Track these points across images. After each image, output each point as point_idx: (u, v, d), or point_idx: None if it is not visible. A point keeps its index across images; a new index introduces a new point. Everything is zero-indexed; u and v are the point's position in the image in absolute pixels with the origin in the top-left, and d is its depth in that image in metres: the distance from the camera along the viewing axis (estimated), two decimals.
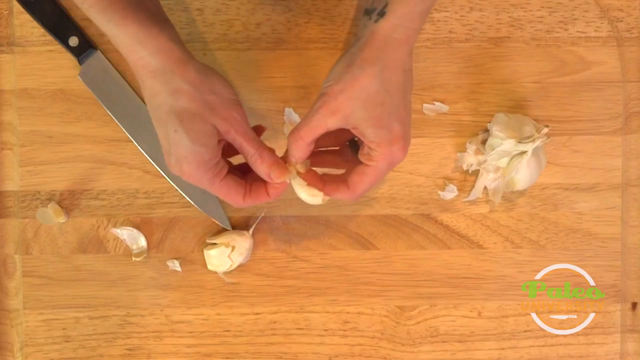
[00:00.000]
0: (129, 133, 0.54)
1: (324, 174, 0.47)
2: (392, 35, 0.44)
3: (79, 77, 0.54)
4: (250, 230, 0.53)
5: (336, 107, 0.43)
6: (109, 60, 0.55)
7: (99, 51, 0.54)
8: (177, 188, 0.54)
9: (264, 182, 0.46)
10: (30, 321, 0.55)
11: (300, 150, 0.45)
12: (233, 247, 0.52)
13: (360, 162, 0.45)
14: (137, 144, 0.54)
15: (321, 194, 0.46)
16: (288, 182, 0.46)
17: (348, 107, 0.43)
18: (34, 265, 0.55)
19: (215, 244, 0.54)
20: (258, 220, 0.55)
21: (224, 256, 0.53)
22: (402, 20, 0.44)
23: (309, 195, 0.47)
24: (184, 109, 0.42)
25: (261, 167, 0.45)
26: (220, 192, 0.45)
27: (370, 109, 0.43)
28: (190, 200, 0.54)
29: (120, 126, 0.54)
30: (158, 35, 0.43)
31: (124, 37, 0.42)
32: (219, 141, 0.44)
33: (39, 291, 0.55)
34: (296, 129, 0.45)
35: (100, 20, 0.42)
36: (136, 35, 0.42)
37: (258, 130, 0.48)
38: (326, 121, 0.44)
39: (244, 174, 0.47)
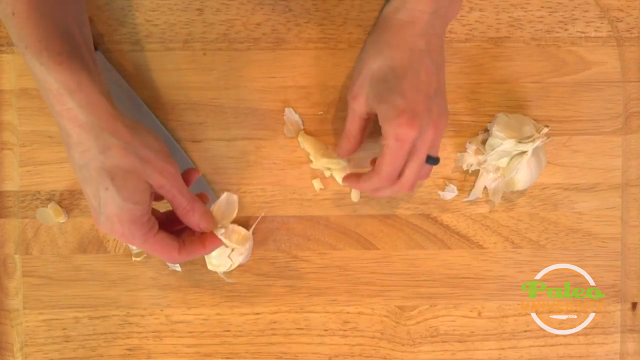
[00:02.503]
0: None
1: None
2: (395, 17, 0.47)
3: None
4: (250, 230, 0.54)
5: (356, 92, 0.47)
6: (109, 61, 0.55)
7: (98, 51, 0.54)
8: None
9: (199, 235, 0.47)
10: (30, 321, 0.55)
11: (350, 144, 0.49)
12: (233, 247, 0.52)
13: None
14: None
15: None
16: (218, 234, 0.48)
17: (362, 89, 0.47)
18: (34, 265, 0.55)
19: None
20: (258, 220, 0.55)
21: (224, 256, 0.53)
22: (405, 2, 0.47)
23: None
24: (115, 166, 0.42)
25: (192, 219, 0.46)
26: (154, 248, 0.45)
27: (375, 86, 0.46)
28: None
29: None
30: (89, 86, 0.42)
31: (53, 83, 0.41)
32: (150, 195, 0.44)
33: (39, 291, 0.55)
34: (345, 128, 0.50)
35: (34, 62, 0.41)
36: (66, 84, 0.41)
37: (191, 175, 0.49)
38: (354, 108, 0.48)
39: (166, 227, 0.47)
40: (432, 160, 0.48)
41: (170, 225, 0.48)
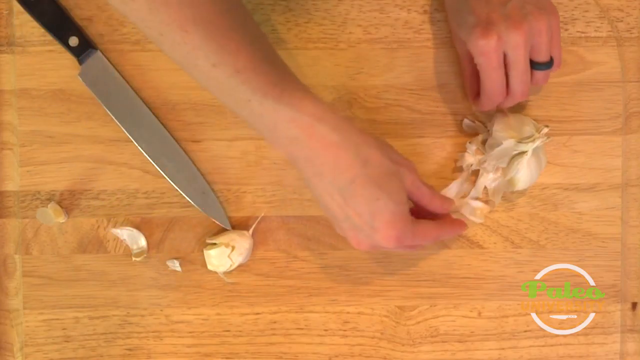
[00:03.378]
0: (129, 133, 0.54)
1: None
2: None
3: (78, 77, 0.54)
4: (250, 230, 0.53)
5: (453, 34, 0.52)
6: (109, 61, 0.55)
7: (99, 51, 0.54)
8: (176, 188, 0.54)
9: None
10: (30, 321, 0.55)
11: (471, 87, 0.52)
12: (233, 247, 0.52)
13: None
14: (136, 144, 0.54)
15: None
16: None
17: (452, 26, 0.52)
18: (34, 265, 0.55)
19: (215, 244, 0.54)
20: (258, 220, 0.55)
21: (224, 256, 0.53)
22: None
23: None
24: (379, 175, 0.43)
25: (436, 203, 0.49)
26: (422, 237, 0.47)
27: (454, 17, 0.50)
28: (191, 201, 0.54)
29: (120, 126, 0.54)
30: (330, 110, 0.43)
31: (303, 119, 0.41)
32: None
33: (39, 291, 0.55)
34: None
35: (267, 107, 0.41)
36: (315, 113, 0.42)
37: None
38: (459, 51, 0.52)
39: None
40: (541, 65, 0.47)
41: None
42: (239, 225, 0.56)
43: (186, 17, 0.40)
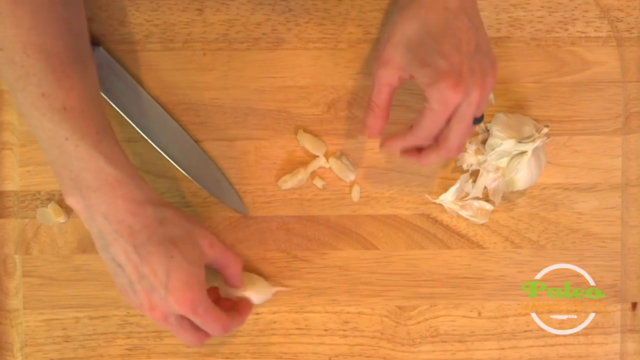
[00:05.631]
0: (138, 127, 0.54)
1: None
2: None
3: None
4: (274, 290, 0.54)
5: (387, 58, 0.45)
6: (112, 56, 0.55)
7: (101, 47, 0.54)
8: (190, 178, 0.54)
9: (232, 305, 0.52)
10: (30, 321, 0.55)
11: (378, 118, 0.47)
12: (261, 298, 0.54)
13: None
14: (146, 137, 0.54)
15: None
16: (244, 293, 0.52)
17: (395, 53, 0.45)
18: (34, 265, 0.55)
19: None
20: (277, 290, 0.55)
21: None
22: None
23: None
24: (175, 234, 0.44)
25: (232, 271, 0.50)
26: (212, 316, 0.47)
27: (413, 50, 0.44)
28: (205, 190, 0.55)
29: (129, 120, 0.54)
30: (134, 169, 0.45)
31: (113, 172, 0.43)
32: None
33: (39, 291, 0.55)
34: (370, 100, 0.47)
35: (84, 151, 0.42)
36: (126, 169, 0.44)
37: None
38: (384, 76, 0.45)
39: None
40: (477, 120, 0.46)
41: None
42: (239, 224, 0.56)
43: (33, 42, 0.41)
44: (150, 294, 0.44)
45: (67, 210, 0.55)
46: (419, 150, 0.49)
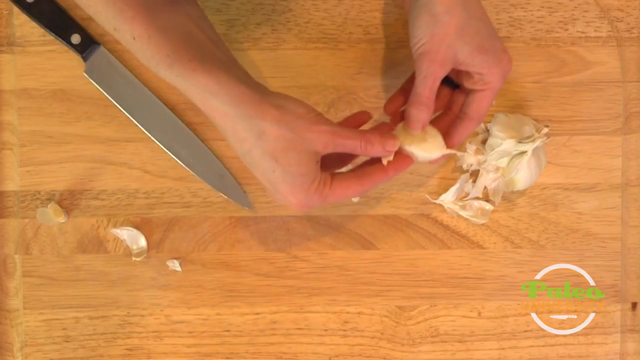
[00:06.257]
0: (140, 124, 0.54)
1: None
2: None
3: (84, 75, 0.54)
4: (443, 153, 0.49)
5: (442, 58, 0.45)
6: (113, 54, 0.55)
7: (102, 46, 0.54)
8: (193, 173, 0.54)
9: (376, 161, 0.47)
10: (30, 321, 0.55)
11: (426, 112, 0.47)
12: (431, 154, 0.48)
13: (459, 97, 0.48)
14: (149, 134, 0.54)
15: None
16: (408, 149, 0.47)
17: (453, 51, 0.45)
18: (34, 265, 0.55)
19: None
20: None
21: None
22: None
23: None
24: (275, 148, 0.43)
25: (374, 150, 0.45)
26: (336, 199, 0.46)
27: (470, 41, 0.45)
28: (209, 185, 0.55)
29: (131, 118, 0.54)
30: (228, 82, 0.42)
31: (195, 89, 0.42)
32: (316, 161, 0.44)
33: (39, 291, 0.55)
34: (416, 95, 0.46)
35: (169, 75, 0.42)
36: (207, 86, 0.42)
37: (363, 117, 0.49)
38: (436, 71, 0.46)
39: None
40: None
41: (348, 158, 0.48)
42: (239, 224, 0.56)
43: None
44: (268, 191, 0.45)
45: (67, 210, 0.55)
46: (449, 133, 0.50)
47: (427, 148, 0.47)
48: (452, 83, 0.49)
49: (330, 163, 0.47)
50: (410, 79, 0.50)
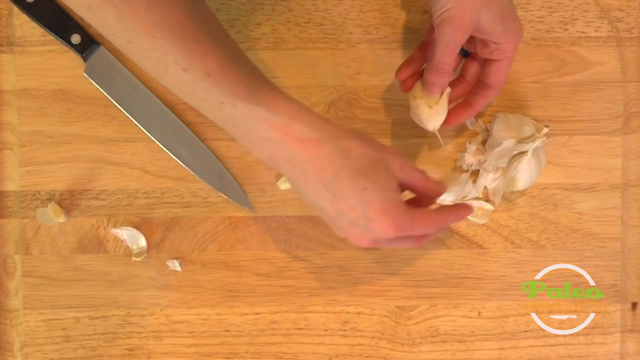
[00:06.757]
0: (140, 124, 0.54)
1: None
2: None
3: (84, 75, 0.54)
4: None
5: (467, 25, 0.46)
6: (113, 54, 0.55)
7: (102, 46, 0.54)
8: (193, 173, 0.54)
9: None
10: (30, 321, 0.55)
11: (445, 77, 0.48)
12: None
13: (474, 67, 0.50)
14: (149, 134, 0.54)
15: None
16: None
17: (477, 18, 0.46)
18: (34, 265, 0.55)
19: None
20: None
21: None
22: None
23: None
24: (364, 164, 0.42)
25: (429, 187, 0.46)
26: (423, 226, 0.45)
27: (494, 9, 0.46)
28: (209, 185, 0.55)
29: (132, 118, 0.54)
30: (300, 104, 0.42)
31: (277, 118, 0.41)
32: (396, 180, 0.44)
33: (39, 291, 0.55)
34: (437, 62, 0.47)
35: (241, 110, 0.41)
36: (289, 112, 0.42)
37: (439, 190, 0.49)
38: (458, 37, 0.46)
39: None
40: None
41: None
42: (239, 224, 0.56)
43: (153, 22, 0.40)
44: (353, 227, 0.43)
45: (67, 210, 0.55)
46: (464, 106, 0.51)
47: (440, 110, 0.49)
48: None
49: None
50: (420, 46, 0.51)
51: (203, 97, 0.42)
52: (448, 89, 0.49)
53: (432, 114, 0.49)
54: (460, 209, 0.47)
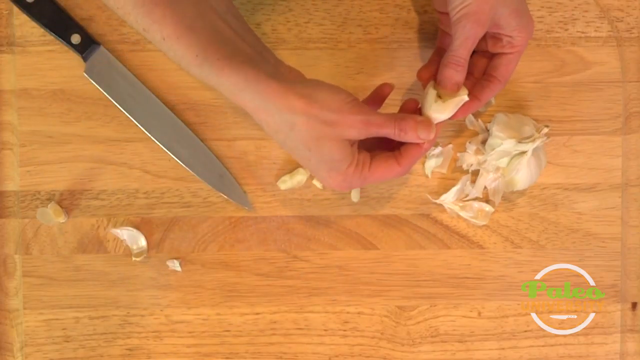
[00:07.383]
0: (140, 124, 0.54)
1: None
2: None
3: (84, 75, 0.54)
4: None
5: (486, 19, 0.46)
6: (113, 54, 0.55)
7: (102, 46, 0.54)
8: (193, 173, 0.54)
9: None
10: (30, 321, 0.55)
11: (461, 72, 0.47)
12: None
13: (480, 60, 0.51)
14: (149, 134, 0.54)
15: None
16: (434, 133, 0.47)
17: (492, 13, 0.47)
18: (34, 265, 0.55)
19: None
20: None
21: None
22: None
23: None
24: (307, 138, 0.43)
25: (408, 136, 0.46)
26: (375, 179, 0.47)
27: (510, 4, 0.47)
28: (209, 185, 0.55)
29: (131, 118, 0.54)
30: (256, 78, 0.43)
31: (225, 86, 0.43)
32: (351, 145, 0.45)
33: (39, 291, 0.55)
34: (454, 57, 0.47)
35: (199, 74, 0.43)
36: (236, 84, 0.43)
37: (385, 90, 0.49)
38: (476, 32, 0.47)
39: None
40: None
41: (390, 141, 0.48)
42: (239, 224, 0.56)
43: None
44: (311, 173, 0.48)
45: (67, 210, 0.55)
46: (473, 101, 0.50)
47: (447, 107, 0.48)
48: None
49: (372, 145, 0.48)
50: (437, 51, 0.52)
51: (170, 55, 0.44)
52: (466, 98, 0.48)
53: (438, 107, 0.48)
54: (414, 148, 0.47)
